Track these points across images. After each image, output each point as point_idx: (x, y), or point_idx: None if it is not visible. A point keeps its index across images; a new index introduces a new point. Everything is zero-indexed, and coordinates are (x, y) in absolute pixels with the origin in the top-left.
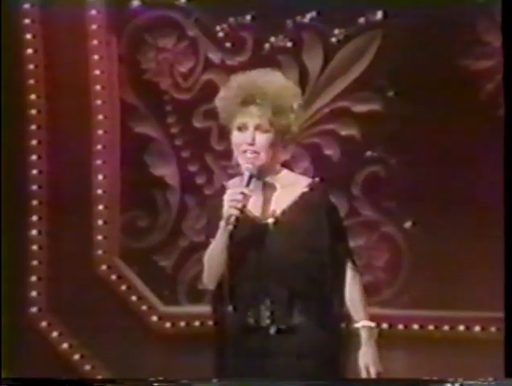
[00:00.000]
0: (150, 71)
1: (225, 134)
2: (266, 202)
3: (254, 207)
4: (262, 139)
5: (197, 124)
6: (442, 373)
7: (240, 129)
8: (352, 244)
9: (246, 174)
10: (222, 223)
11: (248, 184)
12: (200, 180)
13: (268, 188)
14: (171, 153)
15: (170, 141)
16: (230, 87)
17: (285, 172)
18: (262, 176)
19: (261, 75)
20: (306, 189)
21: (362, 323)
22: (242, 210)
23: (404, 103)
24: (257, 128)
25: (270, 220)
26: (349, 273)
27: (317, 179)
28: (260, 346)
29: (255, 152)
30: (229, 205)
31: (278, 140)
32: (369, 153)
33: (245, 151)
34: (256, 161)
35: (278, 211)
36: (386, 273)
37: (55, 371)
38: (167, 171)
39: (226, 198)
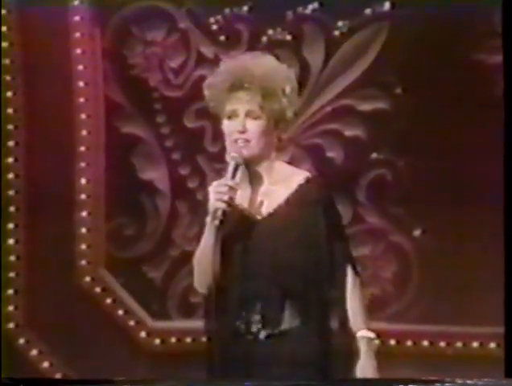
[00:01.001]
0: (138, 67)
1: (219, 134)
2: (255, 194)
3: (243, 201)
4: (253, 126)
5: (189, 123)
6: None
7: (230, 117)
8: (356, 253)
9: (232, 164)
10: (208, 219)
11: (234, 175)
12: (192, 184)
13: (257, 179)
14: (160, 155)
15: (159, 142)
16: (218, 72)
17: (279, 164)
18: (252, 166)
19: (249, 58)
20: (302, 182)
21: (361, 334)
22: (229, 203)
23: (412, 100)
24: (247, 114)
25: (262, 215)
26: (349, 277)
27: (315, 173)
28: (250, 353)
29: (246, 140)
30: (214, 198)
31: (271, 127)
32: (374, 155)
33: (236, 140)
34: (246, 150)
35: (272, 206)
36: (394, 285)
37: None
38: (156, 175)
39: (211, 190)
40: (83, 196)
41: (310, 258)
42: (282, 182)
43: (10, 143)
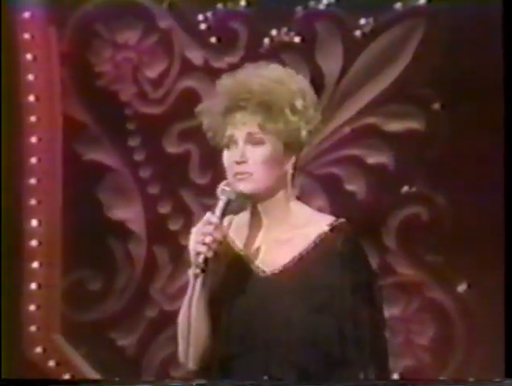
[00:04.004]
0: (106, 77)
1: (208, 162)
2: (262, 243)
3: (247, 251)
4: (254, 154)
5: (170, 148)
6: None
7: (228, 146)
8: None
9: (222, 199)
10: (191, 271)
11: (223, 212)
12: (174, 225)
13: (265, 224)
14: (134, 189)
15: (132, 172)
16: (212, 94)
17: (296, 204)
18: (259, 207)
19: (250, 71)
20: (324, 230)
21: None
22: (212, 246)
23: (454, 119)
24: (247, 140)
25: (271, 271)
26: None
27: (342, 219)
28: None
29: (247, 173)
30: (194, 240)
31: (280, 154)
32: (406, 188)
33: (235, 175)
34: (248, 184)
35: (284, 260)
36: (433, 354)
37: None
38: (128, 214)
39: (193, 231)
40: (33, 242)
41: (333, 329)
42: (298, 229)
43: None
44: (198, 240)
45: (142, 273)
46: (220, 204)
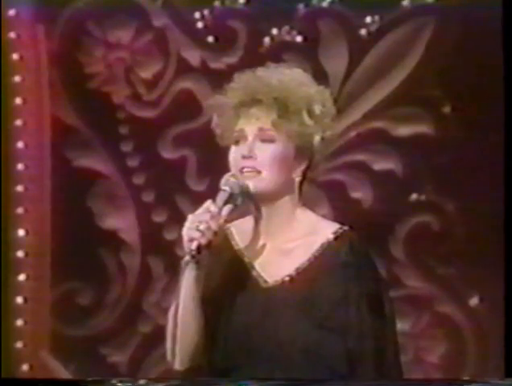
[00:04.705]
0: (98, 78)
1: (205, 168)
2: (266, 251)
3: (251, 259)
4: (264, 151)
5: (166, 153)
6: None
7: (237, 141)
8: None
9: (226, 190)
10: (183, 262)
11: (225, 202)
12: (169, 235)
13: (269, 229)
14: (127, 197)
15: (125, 179)
16: (225, 89)
17: (303, 211)
18: (264, 209)
19: (271, 69)
20: (329, 238)
21: None
22: (206, 234)
23: (465, 122)
24: (258, 136)
25: (273, 281)
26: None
27: (346, 227)
28: None
29: (254, 170)
30: (188, 226)
31: (290, 156)
32: (414, 196)
33: (241, 170)
34: (255, 182)
35: (287, 270)
36: (444, 372)
37: None
38: (121, 223)
39: (189, 217)
40: (20, 253)
41: (339, 345)
42: (302, 237)
43: None
44: (192, 226)
45: (136, 285)
46: (222, 195)
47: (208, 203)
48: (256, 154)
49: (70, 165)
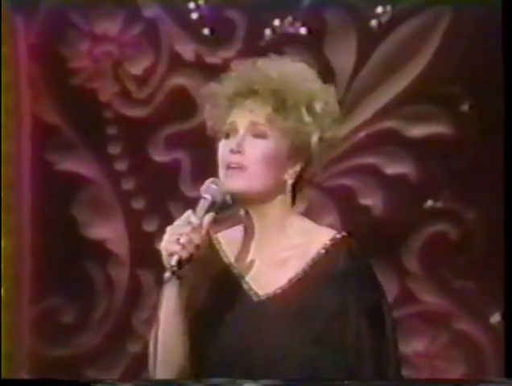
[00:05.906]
0: (83, 73)
1: (200, 172)
2: (257, 262)
3: (240, 270)
4: (252, 146)
5: (157, 156)
6: None
7: (227, 135)
8: (405, 348)
9: (207, 198)
10: (164, 278)
11: (207, 211)
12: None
13: (258, 237)
14: (114, 204)
15: (113, 185)
16: (221, 79)
17: (297, 218)
18: (252, 214)
19: (273, 61)
20: (325, 246)
21: None
22: (187, 248)
23: (485, 121)
24: (249, 129)
25: (264, 295)
26: None
27: (344, 233)
28: None
29: (240, 166)
30: (167, 239)
31: (284, 155)
32: (430, 202)
33: (228, 166)
34: (238, 180)
35: (280, 282)
36: None
37: None
38: (108, 232)
39: (167, 229)
40: None
41: (339, 362)
42: (296, 245)
43: None
44: (171, 239)
45: (124, 300)
46: (203, 204)
47: (189, 213)
48: (245, 149)
49: (52, 169)
